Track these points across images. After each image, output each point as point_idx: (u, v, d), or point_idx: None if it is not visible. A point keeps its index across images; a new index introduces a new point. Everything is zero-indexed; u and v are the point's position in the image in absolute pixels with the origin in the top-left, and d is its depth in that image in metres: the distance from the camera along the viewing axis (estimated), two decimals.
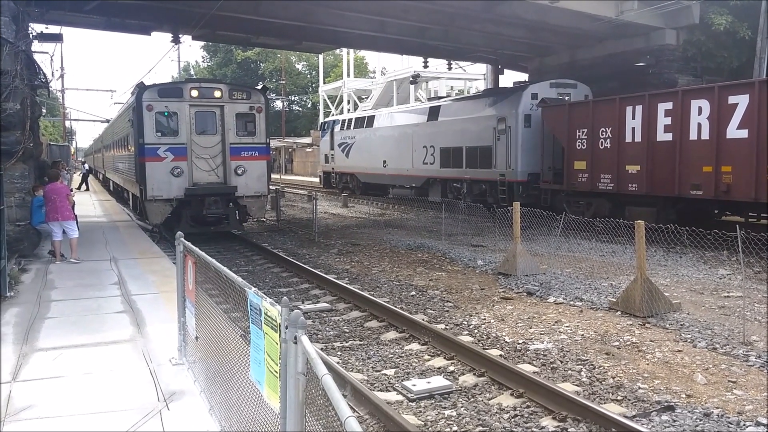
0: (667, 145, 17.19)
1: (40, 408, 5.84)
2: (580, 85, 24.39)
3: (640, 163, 18.00)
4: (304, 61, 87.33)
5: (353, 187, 38.39)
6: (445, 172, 27.86)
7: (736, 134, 15.46)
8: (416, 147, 30.12)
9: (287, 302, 3.64)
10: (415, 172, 30.42)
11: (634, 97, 18.58)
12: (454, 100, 31.14)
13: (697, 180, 16.38)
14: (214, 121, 18.73)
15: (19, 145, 13.86)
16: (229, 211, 19.01)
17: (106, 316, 9.25)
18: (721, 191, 15.78)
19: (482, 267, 14.89)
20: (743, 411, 6.66)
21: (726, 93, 15.75)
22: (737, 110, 15.42)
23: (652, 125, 17.64)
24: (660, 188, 17.48)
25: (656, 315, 10.16)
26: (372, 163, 34.84)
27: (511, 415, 6.73)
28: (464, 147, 26.28)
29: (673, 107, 17.03)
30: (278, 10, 23.09)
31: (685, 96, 16.81)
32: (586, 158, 19.88)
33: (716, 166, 15.83)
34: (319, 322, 10.57)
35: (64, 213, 13.85)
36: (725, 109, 15.68)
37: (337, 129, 39.62)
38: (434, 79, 53.64)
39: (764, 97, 14.79)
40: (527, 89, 23.73)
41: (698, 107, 16.37)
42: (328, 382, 2.88)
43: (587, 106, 20.35)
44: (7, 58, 13.18)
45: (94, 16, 23.16)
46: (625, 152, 18.48)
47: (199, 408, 5.79)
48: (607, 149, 19.18)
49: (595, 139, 19.55)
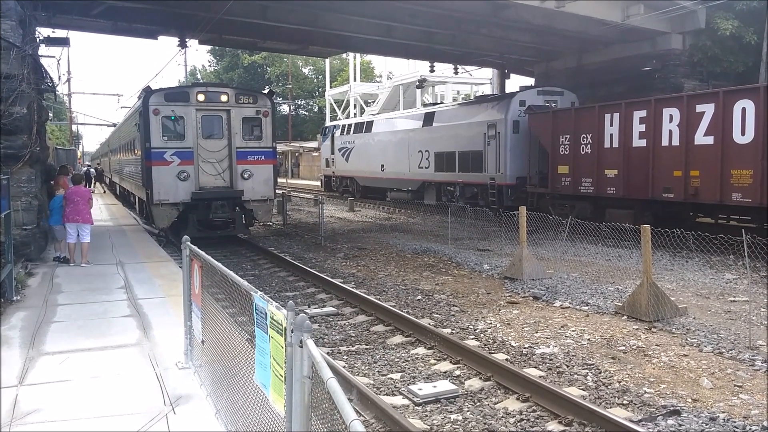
0: (642, 150, 18.12)
1: (46, 412, 5.86)
2: (567, 92, 25.26)
3: (618, 168, 18.94)
4: (310, 66, 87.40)
5: (353, 191, 39.19)
6: (440, 175, 28.92)
7: (703, 141, 16.39)
8: (412, 151, 31.19)
9: (293, 306, 3.65)
10: (412, 176, 31.46)
11: (611, 105, 19.55)
12: (447, 106, 32.04)
13: (669, 183, 17.32)
14: (220, 125, 18.76)
15: (26, 149, 13.92)
16: (235, 215, 19.02)
17: (113, 320, 9.28)
18: (690, 194, 16.70)
19: (488, 271, 14.88)
20: (749, 415, 6.64)
21: (694, 102, 16.69)
22: (704, 118, 16.36)
23: (628, 132, 18.61)
24: (636, 191, 18.41)
25: (662, 319, 10.13)
26: (370, 167, 35.88)
27: (517, 420, 6.72)
28: (457, 152, 27.31)
29: (647, 115, 17.97)
30: (285, 14, 23.15)
31: (658, 104, 17.73)
32: (569, 163, 20.84)
33: (685, 170, 16.79)
34: (325, 327, 10.58)
35: (84, 216, 14.02)
36: (693, 118, 16.60)
37: (338, 134, 40.51)
38: (440, 84, 53.66)
39: (729, 107, 15.66)
40: (515, 96, 24.65)
41: (669, 115, 17.33)
42: (333, 385, 2.89)
43: (570, 113, 21.26)
44: (14, 62, 13.26)
45: (100, 20, 23.25)
46: (604, 157, 19.44)
47: (205, 412, 5.81)
48: (587, 154, 20.13)
49: (577, 144, 20.49)
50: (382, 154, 34.53)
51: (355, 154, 38.11)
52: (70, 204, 13.96)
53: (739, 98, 15.63)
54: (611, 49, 26.06)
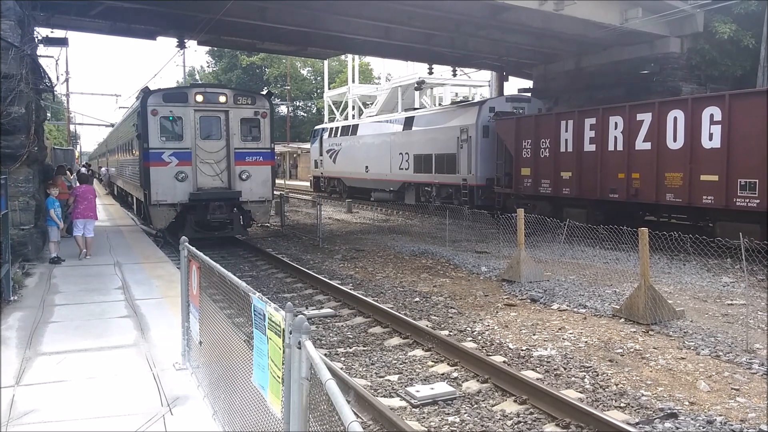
0: (592, 155, 19.82)
1: (43, 412, 5.85)
2: (534, 99, 27.77)
3: (572, 170, 20.64)
4: (309, 67, 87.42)
5: (340, 191, 40.90)
6: (418, 176, 30.79)
7: (642, 146, 18.11)
8: (394, 154, 33.03)
9: (291, 307, 3.65)
10: (393, 177, 33.28)
11: (567, 113, 21.47)
12: (426, 111, 33.98)
13: (614, 185, 19.00)
14: (218, 126, 18.75)
15: (24, 148, 13.89)
16: (233, 216, 18.99)
17: (110, 320, 9.27)
18: (632, 194, 18.40)
19: (486, 273, 14.88)
20: (746, 419, 6.64)
21: (635, 111, 18.36)
22: (643, 126, 18.05)
23: (580, 138, 20.27)
24: (587, 192, 20.08)
25: (660, 322, 10.14)
26: (356, 168, 37.67)
27: (514, 422, 6.72)
28: (434, 154, 29.16)
29: (596, 122, 19.67)
30: (284, 15, 23.13)
31: (605, 113, 19.43)
32: (531, 165, 22.55)
33: (628, 173, 18.50)
34: (323, 328, 10.58)
35: (94, 212, 15.23)
36: (634, 125, 18.29)
37: (326, 136, 42.32)
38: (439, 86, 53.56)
39: (663, 116, 17.29)
40: (486, 103, 26.92)
41: (615, 123, 19.04)
42: (332, 387, 2.89)
43: (531, 119, 23.07)
44: (12, 62, 13.23)
45: (99, 21, 23.21)
46: (561, 161, 21.14)
47: (202, 413, 5.80)
48: (546, 158, 21.84)
49: (537, 148, 22.22)
50: (366, 156, 36.21)
51: (341, 156, 39.79)
52: (84, 201, 14.87)
53: (671, 108, 17.22)
54: (609, 52, 26.08)
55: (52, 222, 14.49)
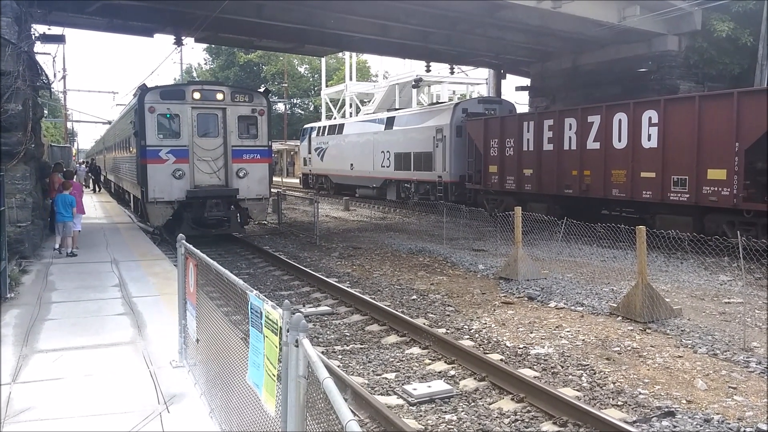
0: (550, 153, 21.45)
1: (39, 410, 5.83)
2: (505, 101, 30.15)
3: (533, 168, 22.27)
4: (306, 65, 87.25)
5: (327, 188, 42.65)
6: (399, 174, 32.85)
7: (592, 146, 19.69)
8: (376, 152, 34.90)
9: (289, 305, 3.64)
10: (376, 174, 35.29)
11: (528, 115, 23.93)
12: (405, 112, 35.54)
13: (568, 181, 20.61)
14: (216, 123, 18.71)
15: (21, 146, 13.88)
16: (230, 214, 18.97)
17: (107, 318, 9.25)
18: (583, 190, 19.96)
19: (483, 271, 14.88)
20: (744, 417, 6.65)
21: (586, 113, 19.92)
22: (593, 127, 19.60)
23: (539, 138, 21.91)
24: (546, 188, 21.69)
25: (657, 320, 10.15)
26: (342, 165, 39.69)
27: (511, 420, 6.72)
28: (412, 152, 31.10)
29: (553, 123, 21.24)
30: (281, 13, 23.11)
31: (561, 115, 21.14)
32: (497, 163, 24.19)
33: (580, 170, 20.07)
34: (320, 326, 10.56)
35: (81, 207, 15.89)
36: (586, 126, 19.86)
37: (314, 135, 44.25)
38: (436, 84, 53.61)
39: (610, 119, 18.84)
40: (459, 105, 28.92)
41: (569, 124, 20.58)
42: (330, 385, 2.88)
43: (497, 120, 24.71)
44: (9, 59, 13.21)
45: (96, 18, 23.16)
46: (523, 159, 22.79)
47: (199, 411, 5.78)
48: (511, 156, 23.45)
49: (503, 147, 23.87)
50: (351, 154, 38.19)
51: (328, 154, 41.79)
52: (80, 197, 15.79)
53: (617, 111, 18.70)
54: (607, 50, 26.08)
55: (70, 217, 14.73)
